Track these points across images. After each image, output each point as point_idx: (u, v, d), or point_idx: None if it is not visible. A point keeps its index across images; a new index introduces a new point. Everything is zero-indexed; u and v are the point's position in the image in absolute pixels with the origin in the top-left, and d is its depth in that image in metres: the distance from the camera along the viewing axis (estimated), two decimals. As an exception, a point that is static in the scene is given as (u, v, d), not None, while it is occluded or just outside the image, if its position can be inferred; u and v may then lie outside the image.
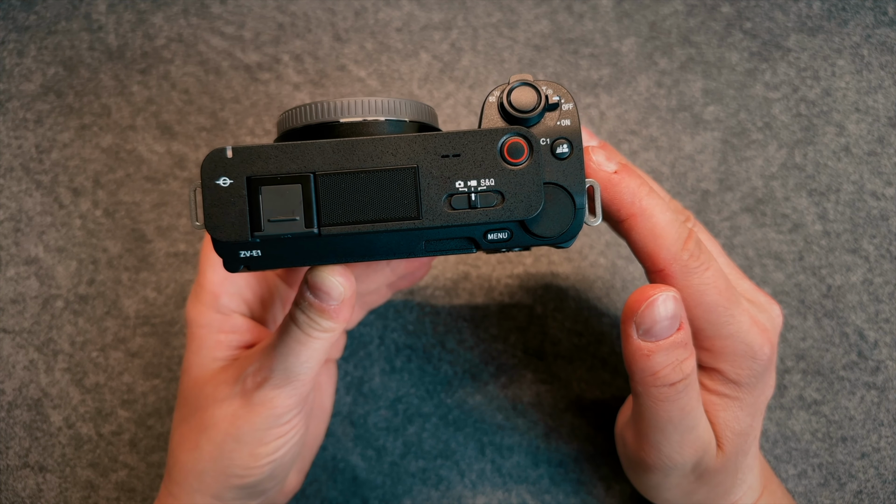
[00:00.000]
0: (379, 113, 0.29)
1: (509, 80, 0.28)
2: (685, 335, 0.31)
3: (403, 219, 0.27)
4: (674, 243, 0.30)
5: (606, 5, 0.47)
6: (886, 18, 0.46)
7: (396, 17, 0.47)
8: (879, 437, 0.43)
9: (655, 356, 0.30)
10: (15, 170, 0.45)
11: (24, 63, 0.46)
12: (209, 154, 0.27)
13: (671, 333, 0.30)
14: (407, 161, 0.27)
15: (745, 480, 0.35)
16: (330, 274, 0.30)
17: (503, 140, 0.27)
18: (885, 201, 0.45)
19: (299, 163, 0.27)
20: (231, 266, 0.28)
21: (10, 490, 0.42)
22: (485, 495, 0.42)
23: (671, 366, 0.30)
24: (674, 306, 0.30)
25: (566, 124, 0.28)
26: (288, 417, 0.33)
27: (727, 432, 0.33)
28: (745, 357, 0.32)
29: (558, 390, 0.43)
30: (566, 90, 0.29)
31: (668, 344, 0.30)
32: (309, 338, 0.31)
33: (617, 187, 0.30)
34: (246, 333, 0.36)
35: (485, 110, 0.29)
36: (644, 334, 0.30)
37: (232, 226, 0.27)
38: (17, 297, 0.44)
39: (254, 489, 0.34)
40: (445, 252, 0.28)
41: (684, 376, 0.31)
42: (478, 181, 0.27)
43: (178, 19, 0.47)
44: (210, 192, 0.27)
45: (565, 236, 0.28)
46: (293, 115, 0.29)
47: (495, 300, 0.44)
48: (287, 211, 0.27)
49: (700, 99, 0.46)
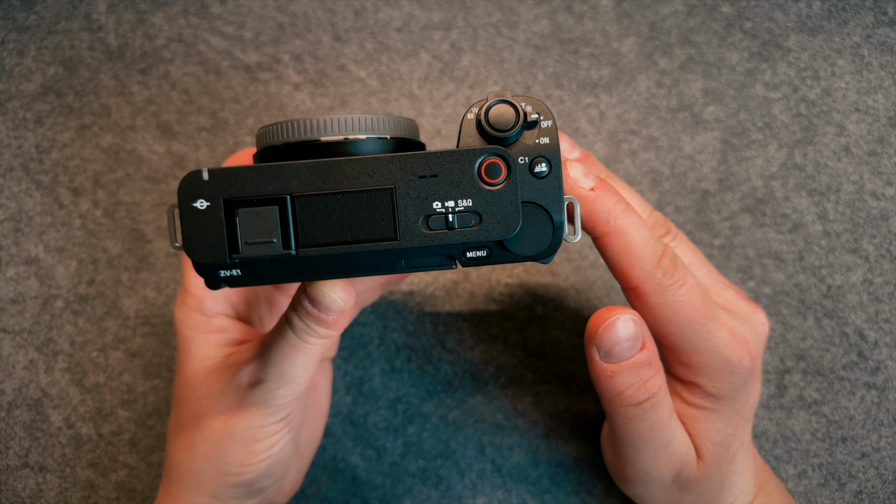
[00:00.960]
0: (359, 131, 0.28)
1: (487, 97, 0.28)
2: (648, 354, 0.31)
3: (381, 240, 0.27)
4: (647, 262, 0.30)
5: (606, 5, 0.47)
6: (886, 18, 0.46)
7: (396, 17, 0.47)
8: (879, 437, 0.43)
9: (618, 377, 0.31)
10: (15, 170, 0.45)
11: (24, 63, 0.46)
12: (185, 176, 0.27)
13: (633, 354, 0.30)
14: (384, 182, 0.27)
15: (734, 486, 0.35)
16: (330, 290, 0.30)
17: (480, 160, 0.27)
18: (885, 201, 0.45)
19: (276, 184, 0.27)
20: (212, 284, 0.28)
21: (10, 490, 0.42)
22: (485, 495, 0.42)
23: (635, 385, 0.31)
24: (633, 328, 0.30)
25: (545, 142, 0.28)
26: (282, 415, 0.33)
27: (707, 443, 0.33)
28: (722, 371, 0.32)
29: (558, 390, 0.43)
30: (546, 106, 0.28)
31: (630, 365, 0.30)
32: (305, 344, 0.31)
33: (592, 205, 0.30)
34: (233, 332, 0.36)
35: (463, 127, 0.28)
36: (605, 356, 0.30)
37: (210, 248, 0.27)
38: (17, 297, 0.44)
39: (251, 487, 0.34)
40: (426, 268, 0.28)
41: (650, 395, 0.31)
42: (455, 202, 0.27)
43: (178, 19, 0.47)
44: (187, 214, 0.27)
45: (543, 254, 0.28)
46: (273, 132, 0.29)
47: (495, 300, 0.44)
48: (264, 233, 0.27)
49: (700, 99, 0.46)
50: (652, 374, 0.31)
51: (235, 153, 0.37)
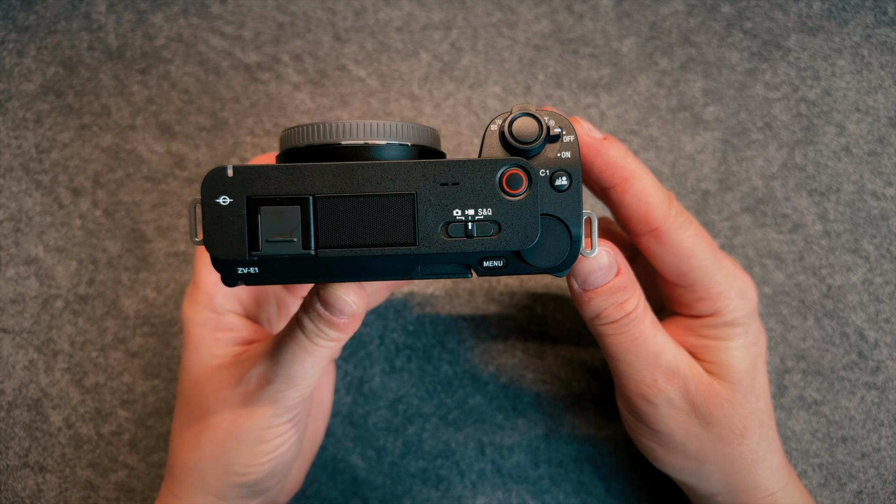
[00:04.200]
0: (381, 136, 0.29)
1: (511, 109, 0.29)
2: (623, 280, 0.32)
3: (400, 244, 0.27)
4: (663, 201, 0.32)
5: (606, 5, 0.47)
6: (886, 18, 0.46)
7: (396, 17, 0.47)
8: (879, 437, 0.43)
9: (595, 301, 0.32)
10: (15, 170, 0.45)
11: (24, 63, 0.46)
12: (210, 172, 0.27)
13: (608, 281, 0.31)
14: (405, 187, 0.27)
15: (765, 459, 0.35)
16: (343, 293, 0.30)
17: (502, 171, 0.27)
18: (886, 201, 0.45)
19: (299, 185, 0.27)
20: (229, 281, 0.28)
21: (10, 490, 0.42)
22: (485, 495, 0.42)
23: (611, 307, 0.32)
24: (606, 258, 0.31)
25: (566, 156, 0.29)
26: (290, 416, 0.33)
27: (729, 372, 0.34)
28: (738, 297, 0.34)
29: (558, 390, 0.43)
30: (568, 121, 0.29)
31: (605, 290, 0.32)
32: (315, 346, 0.31)
33: (609, 152, 0.31)
34: (242, 331, 0.36)
35: (486, 138, 0.29)
36: (583, 284, 0.32)
37: (230, 244, 0.27)
38: (17, 297, 0.44)
39: (255, 487, 0.34)
40: (441, 276, 0.29)
41: (625, 313, 0.32)
42: (475, 210, 0.27)
43: (178, 19, 0.46)
44: (210, 209, 0.27)
45: (560, 267, 0.29)
46: (296, 134, 0.29)
47: (495, 300, 0.44)
48: (285, 232, 0.27)
49: (700, 99, 0.46)
50: (628, 297, 0.32)
51: (257, 156, 0.37)
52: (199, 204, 0.28)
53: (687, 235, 0.33)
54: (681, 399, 0.34)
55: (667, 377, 0.33)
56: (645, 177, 0.32)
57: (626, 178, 0.31)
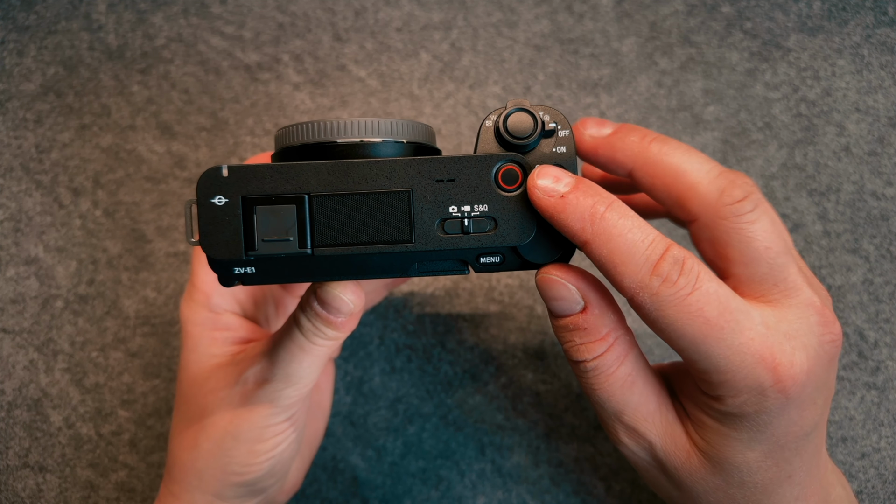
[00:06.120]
0: (375, 134, 0.29)
1: (506, 105, 0.29)
2: (583, 320, 0.28)
3: (396, 242, 0.27)
4: (639, 269, 0.26)
5: (606, 5, 0.47)
6: (886, 18, 0.46)
7: (396, 17, 0.47)
8: (879, 437, 0.43)
9: (556, 328, 0.29)
10: (15, 170, 0.45)
11: (24, 63, 0.46)
12: (205, 172, 0.27)
13: (565, 315, 0.28)
14: (401, 185, 0.27)
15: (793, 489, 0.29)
16: (340, 292, 0.30)
17: (498, 166, 0.27)
18: (886, 201, 0.45)
19: (294, 183, 0.27)
20: (225, 282, 0.28)
21: (10, 490, 0.42)
22: (485, 495, 0.42)
23: (569, 344, 0.29)
24: (565, 293, 0.28)
25: (562, 151, 0.29)
26: (288, 415, 0.33)
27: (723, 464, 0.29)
28: (750, 392, 0.27)
29: (558, 390, 0.43)
30: (563, 116, 0.29)
31: (560, 324, 0.29)
32: (313, 345, 0.31)
33: (562, 214, 0.27)
34: (240, 330, 0.36)
35: (481, 134, 0.29)
36: (546, 303, 0.29)
37: (226, 244, 0.27)
38: (17, 297, 0.44)
39: (254, 486, 0.34)
40: (438, 273, 0.29)
41: (584, 359, 0.28)
42: (471, 206, 0.27)
43: (178, 19, 0.47)
44: (205, 210, 0.27)
45: (557, 262, 0.29)
46: (291, 133, 0.29)
47: (495, 300, 0.44)
48: (281, 231, 0.27)
49: (700, 99, 0.46)
50: (588, 340, 0.28)
51: (253, 156, 0.37)
52: (194, 204, 0.28)
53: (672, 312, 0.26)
54: (648, 456, 0.31)
55: (629, 435, 0.30)
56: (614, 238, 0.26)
57: (587, 243, 0.27)
